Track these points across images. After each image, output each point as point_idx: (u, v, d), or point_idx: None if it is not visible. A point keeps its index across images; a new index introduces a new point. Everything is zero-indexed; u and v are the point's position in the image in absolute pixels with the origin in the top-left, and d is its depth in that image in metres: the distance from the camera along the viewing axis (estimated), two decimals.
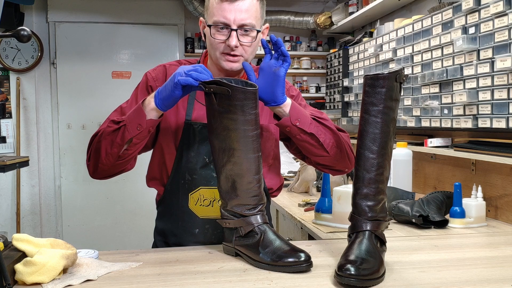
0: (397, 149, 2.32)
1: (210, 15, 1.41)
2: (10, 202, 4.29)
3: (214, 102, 1.24)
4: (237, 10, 1.37)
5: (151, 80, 1.51)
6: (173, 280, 1.15)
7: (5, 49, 4.24)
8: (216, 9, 1.38)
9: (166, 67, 1.54)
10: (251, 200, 1.28)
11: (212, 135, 1.28)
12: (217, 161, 1.29)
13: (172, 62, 1.57)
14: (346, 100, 3.66)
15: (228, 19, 1.37)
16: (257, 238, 1.26)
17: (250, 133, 1.24)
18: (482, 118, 2.00)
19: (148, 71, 1.56)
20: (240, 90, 1.21)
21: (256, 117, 1.24)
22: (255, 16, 1.40)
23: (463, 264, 1.30)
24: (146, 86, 1.52)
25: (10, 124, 4.28)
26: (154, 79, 1.51)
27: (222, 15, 1.37)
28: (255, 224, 1.27)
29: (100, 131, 1.40)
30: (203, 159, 1.47)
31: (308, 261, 1.19)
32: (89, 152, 1.43)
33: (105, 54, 4.39)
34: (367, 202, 1.22)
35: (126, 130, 1.33)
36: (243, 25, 1.38)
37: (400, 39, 2.71)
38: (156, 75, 1.52)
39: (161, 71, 1.53)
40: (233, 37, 1.38)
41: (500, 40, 1.87)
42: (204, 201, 1.47)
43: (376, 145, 1.21)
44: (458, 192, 1.83)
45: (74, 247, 1.21)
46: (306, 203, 2.37)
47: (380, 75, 1.21)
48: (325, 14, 4.14)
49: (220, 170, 1.29)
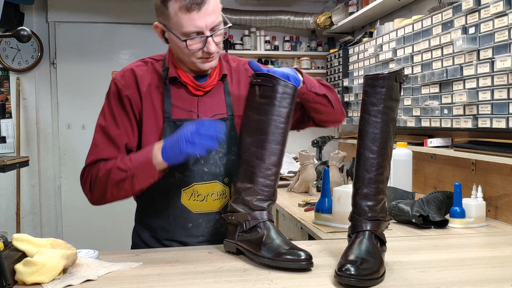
0: (397, 149, 2.32)
1: (176, 25, 1.35)
2: (10, 202, 4.29)
3: (256, 93, 1.34)
4: (206, 15, 1.33)
5: (124, 89, 1.46)
6: (173, 280, 1.15)
7: (5, 49, 4.24)
8: (184, 20, 1.33)
9: (135, 71, 1.49)
10: (265, 190, 1.31)
11: (245, 126, 1.37)
12: (242, 151, 1.35)
13: (138, 63, 1.53)
14: (346, 100, 3.66)
15: (200, 27, 1.34)
16: (260, 234, 1.27)
17: (281, 124, 1.32)
18: (482, 118, 2.00)
19: (115, 77, 1.50)
20: (283, 83, 1.32)
21: (289, 111, 1.33)
22: (220, 10, 1.39)
23: (463, 264, 1.30)
24: (120, 96, 1.46)
25: (10, 124, 4.28)
26: (126, 86, 1.46)
27: (192, 25, 1.33)
28: (260, 220, 1.29)
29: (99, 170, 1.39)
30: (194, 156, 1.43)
31: (309, 260, 1.19)
32: (88, 184, 1.42)
33: (105, 54, 4.39)
34: (367, 202, 1.22)
35: (136, 180, 1.36)
36: (214, 27, 1.36)
37: (400, 39, 2.71)
38: (126, 83, 1.47)
39: (130, 77, 1.48)
40: (211, 43, 1.37)
41: (500, 40, 1.87)
42: (198, 196, 1.46)
43: (376, 145, 1.21)
44: (458, 192, 1.83)
45: (74, 247, 1.21)
46: (306, 203, 2.37)
47: (380, 75, 1.21)
48: (325, 14, 4.14)
49: (243, 158, 1.34)
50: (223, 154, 1.47)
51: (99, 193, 1.41)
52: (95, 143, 1.46)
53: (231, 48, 4.31)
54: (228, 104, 1.51)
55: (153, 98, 1.47)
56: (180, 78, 1.46)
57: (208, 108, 1.48)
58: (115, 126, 1.45)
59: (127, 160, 1.38)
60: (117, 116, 1.45)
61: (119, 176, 1.36)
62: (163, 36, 1.44)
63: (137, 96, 1.46)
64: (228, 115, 1.50)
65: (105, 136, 1.45)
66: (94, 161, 1.43)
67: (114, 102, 1.47)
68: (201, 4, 1.31)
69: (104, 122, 1.47)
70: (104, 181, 1.38)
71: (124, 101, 1.46)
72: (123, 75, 1.49)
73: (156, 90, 1.48)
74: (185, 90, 1.48)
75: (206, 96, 1.49)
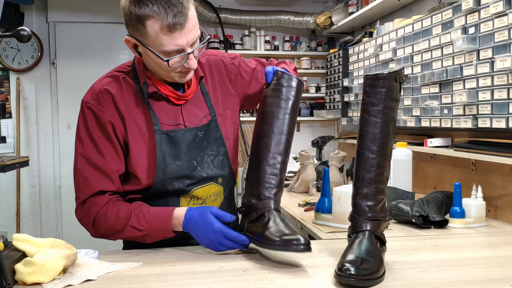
0: (397, 149, 2.32)
1: (155, 43, 1.27)
2: (10, 202, 4.29)
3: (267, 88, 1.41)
4: (187, 32, 1.27)
5: (103, 115, 1.37)
6: (173, 280, 1.15)
7: (5, 49, 4.24)
8: (165, 40, 1.26)
9: (110, 91, 1.38)
10: (271, 178, 1.33)
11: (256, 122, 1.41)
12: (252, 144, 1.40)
13: (107, 80, 1.41)
14: (346, 100, 3.66)
15: (182, 45, 1.28)
16: (264, 221, 1.29)
17: (287, 115, 1.36)
18: (482, 118, 2.00)
19: (88, 101, 1.39)
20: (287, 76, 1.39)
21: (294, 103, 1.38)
22: (197, 22, 1.33)
23: (463, 264, 1.30)
24: (100, 123, 1.37)
25: (10, 124, 4.28)
26: (105, 111, 1.37)
27: (174, 44, 1.27)
28: (266, 209, 1.30)
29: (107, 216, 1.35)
30: (192, 164, 1.43)
31: (307, 244, 1.20)
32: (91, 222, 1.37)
33: (105, 54, 4.39)
34: (367, 202, 1.22)
35: (150, 238, 1.37)
36: (194, 43, 1.32)
37: (400, 39, 2.71)
38: (104, 107, 1.37)
39: (107, 99, 1.38)
40: (192, 59, 1.33)
41: (500, 40, 1.87)
42: (197, 200, 1.46)
43: (376, 145, 1.21)
44: (458, 192, 1.83)
45: (74, 247, 1.21)
46: (306, 203, 2.37)
47: (380, 75, 1.21)
48: (325, 14, 4.14)
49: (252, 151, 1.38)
50: (214, 156, 1.48)
51: (105, 235, 1.39)
52: (83, 176, 1.37)
53: (231, 48, 4.31)
54: (209, 105, 1.50)
55: (135, 117, 1.39)
56: (160, 91, 1.41)
57: (193, 115, 1.46)
58: (100, 156, 1.37)
59: (142, 219, 1.34)
60: (100, 144, 1.37)
61: (133, 234, 1.35)
62: (135, 49, 1.36)
63: (119, 119, 1.38)
64: (212, 116, 1.49)
65: (92, 167, 1.37)
66: (88, 196, 1.37)
67: (94, 129, 1.37)
68: (183, 23, 1.25)
69: (88, 152, 1.38)
70: (115, 230, 1.36)
71: (107, 127, 1.37)
72: (97, 98, 1.38)
73: (136, 107, 1.40)
74: (166, 102, 1.43)
75: (187, 103, 1.46)
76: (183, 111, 1.45)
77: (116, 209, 1.36)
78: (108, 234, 1.39)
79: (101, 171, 1.37)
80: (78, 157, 1.39)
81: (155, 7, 1.23)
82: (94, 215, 1.36)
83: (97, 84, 1.43)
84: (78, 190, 1.39)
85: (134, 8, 1.26)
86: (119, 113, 1.38)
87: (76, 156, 1.40)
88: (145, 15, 1.24)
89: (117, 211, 1.36)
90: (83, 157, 1.38)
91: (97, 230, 1.39)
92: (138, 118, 1.40)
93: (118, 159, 1.39)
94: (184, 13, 1.25)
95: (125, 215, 1.35)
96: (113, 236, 1.39)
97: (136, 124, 1.40)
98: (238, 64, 1.60)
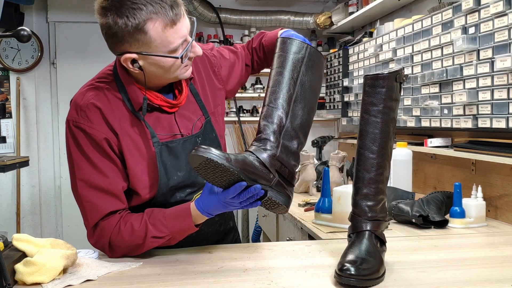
0: (397, 149, 2.32)
1: (162, 45, 1.21)
2: (10, 202, 4.29)
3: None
4: (184, 19, 1.23)
5: (96, 133, 1.28)
6: (173, 280, 1.15)
7: (5, 49, 4.24)
8: (171, 36, 1.20)
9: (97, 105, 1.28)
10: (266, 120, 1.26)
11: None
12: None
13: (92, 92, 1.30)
14: (346, 100, 3.66)
15: (184, 35, 1.24)
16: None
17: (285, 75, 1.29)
18: (482, 118, 2.00)
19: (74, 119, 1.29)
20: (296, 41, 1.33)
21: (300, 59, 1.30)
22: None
23: (463, 264, 1.30)
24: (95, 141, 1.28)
25: (10, 124, 4.28)
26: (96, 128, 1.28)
27: (179, 36, 1.22)
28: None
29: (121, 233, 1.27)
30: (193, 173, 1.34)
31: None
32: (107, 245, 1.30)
33: (105, 54, 4.32)
34: (367, 202, 1.22)
35: (174, 239, 1.30)
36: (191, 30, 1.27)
37: (400, 39, 2.71)
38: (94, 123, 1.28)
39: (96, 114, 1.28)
40: (196, 46, 1.28)
41: (500, 40, 1.87)
42: None
43: (376, 145, 1.21)
44: (458, 192, 1.83)
45: (74, 247, 1.21)
46: (306, 203, 2.37)
47: (380, 75, 1.21)
48: (325, 14, 4.14)
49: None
50: None
51: (125, 253, 1.32)
52: (89, 201, 1.29)
53: None
54: (201, 106, 1.44)
55: (128, 131, 1.31)
56: (152, 102, 1.32)
57: (187, 120, 1.41)
58: (101, 176, 1.29)
59: (161, 226, 1.26)
60: (99, 164, 1.28)
61: (157, 243, 1.28)
62: (133, 66, 1.24)
63: (113, 134, 1.29)
64: (206, 118, 1.44)
65: (96, 190, 1.29)
66: (98, 220, 1.29)
67: (88, 150, 1.28)
68: (181, 11, 1.22)
69: (85, 174, 1.29)
70: (135, 245, 1.28)
71: (103, 145, 1.28)
72: (85, 115, 1.28)
73: (127, 120, 1.31)
74: (158, 111, 1.36)
75: (180, 109, 1.40)
76: (177, 118, 1.39)
77: (130, 224, 1.28)
78: (129, 251, 1.31)
79: (106, 192, 1.29)
80: (77, 182, 1.30)
81: (149, 7, 1.17)
82: (109, 237, 1.29)
83: (80, 99, 1.30)
84: (85, 216, 1.31)
85: (127, 19, 1.17)
86: (111, 128, 1.29)
87: (74, 181, 1.31)
88: (143, 20, 1.17)
89: (131, 225, 1.28)
90: (83, 181, 1.29)
91: (116, 251, 1.31)
92: (131, 132, 1.31)
93: (121, 175, 1.31)
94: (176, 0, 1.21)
95: (141, 228, 1.27)
96: (135, 251, 1.31)
97: (131, 138, 1.31)
98: (218, 56, 1.55)
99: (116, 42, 1.22)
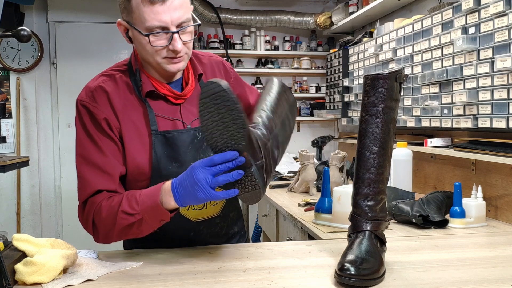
0: (397, 149, 2.32)
1: (139, 19, 1.25)
2: (10, 202, 4.29)
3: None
4: (172, 9, 1.23)
5: (98, 112, 1.32)
6: (173, 280, 1.15)
7: (5, 49, 4.24)
8: (146, 13, 1.23)
9: (105, 88, 1.34)
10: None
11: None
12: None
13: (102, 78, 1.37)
14: (346, 100, 3.66)
15: (165, 21, 1.24)
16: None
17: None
18: (482, 118, 2.00)
19: (82, 99, 1.34)
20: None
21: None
22: (189, 7, 1.30)
23: (463, 264, 1.30)
24: (95, 120, 1.32)
25: (10, 124, 4.28)
26: (99, 108, 1.33)
27: (156, 19, 1.23)
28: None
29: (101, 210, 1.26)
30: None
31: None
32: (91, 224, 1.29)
33: (105, 54, 4.39)
34: (367, 202, 1.22)
35: (146, 224, 1.24)
36: (181, 23, 1.26)
37: (400, 39, 2.71)
38: (98, 104, 1.33)
39: (101, 96, 1.34)
40: (177, 40, 1.26)
41: (500, 40, 1.87)
42: (197, 205, 1.39)
43: (376, 145, 1.21)
44: (458, 192, 1.83)
45: (74, 247, 1.21)
46: (306, 203, 2.37)
47: (380, 75, 1.21)
48: (325, 14, 4.14)
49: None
50: None
51: (104, 234, 1.29)
52: (82, 177, 1.31)
53: (231, 48, 4.31)
54: None
55: (131, 115, 1.35)
56: (158, 90, 1.37)
57: (191, 114, 1.41)
58: (100, 153, 1.31)
59: (134, 203, 1.24)
60: (99, 142, 1.32)
61: (127, 221, 1.24)
62: (126, 35, 1.33)
63: (114, 116, 1.33)
64: None
65: (91, 166, 1.31)
66: (87, 197, 1.30)
67: (90, 127, 1.33)
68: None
69: (87, 150, 1.32)
70: (109, 223, 1.26)
71: (102, 124, 1.32)
72: (92, 96, 1.34)
73: (132, 105, 1.36)
74: (164, 101, 1.39)
75: (186, 102, 1.41)
76: (182, 110, 1.40)
77: (111, 200, 1.27)
78: (107, 232, 1.28)
79: (100, 170, 1.30)
80: (77, 158, 1.34)
81: None
82: (92, 214, 1.28)
83: (92, 82, 1.38)
84: (78, 192, 1.33)
85: None
86: (114, 112, 1.33)
87: (76, 160, 1.34)
88: None
89: (111, 201, 1.27)
90: (82, 157, 1.33)
91: (98, 231, 1.30)
92: (136, 117, 1.35)
93: (120, 157, 1.33)
94: None
95: (115, 203, 1.26)
96: (111, 232, 1.27)
97: (134, 124, 1.34)
98: (235, 72, 1.60)
99: (119, 8, 1.31)
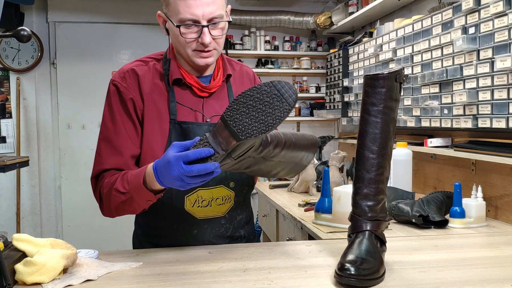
0: (397, 149, 2.32)
1: (173, 12, 1.32)
2: (10, 202, 4.29)
3: None
4: (204, 4, 1.29)
5: (126, 92, 1.40)
6: (173, 280, 1.15)
7: (5, 49, 4.24)
8: (180, 6, 1.30)
9: (136, 71, 1.42)
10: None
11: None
12: None
13: (137, 63, 1.45)
14: (346, 100, 3.66)
15: (197, 15, 1.30)
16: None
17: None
18: (482, 118, 2.00)
19: (114, 79, 1.42)
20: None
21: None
22: (222, 5, 1.35)
23: (463, 264, 1.30)
24: (123, 99, 1.40)
25: (10, 124, 4.28)
26: (128, 88, 1.40)
27: (189, 12, 1.30)
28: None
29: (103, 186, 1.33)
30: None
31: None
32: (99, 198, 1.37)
33: (105, 54, 4.39)
34: (367, 202, 1.22)
35: (136, 203, 1.28)
36: (212, 18, 1.32)
37: (400, 39, 2.71)
38: (128, 84, 1.40)
39: (132, 78, 1.41)
40: (206, 34, 1.32)
41: (500, 40, 1.87)
42: (202, 202, 1.42)
43: (376, 145, 1.21)
44: (458, 192, 1.83)
45: (74, 247, 1.21)
46: (306, 203, 2.37)
47: (380, 75, 1.21)
48: (325, 14, 4.14)
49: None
50: None
51: (106, 209, 1.36)
52: (98, 153, 1.40)
53: (231, 48, 4.31)
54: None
55: (156, 100, 1.41)
56: (185, 79, 1.42)
57: (213, 110, 1.45)
58: (118, 133, 1.38)
59: (125, 182, 1.28)
60: (121, 122, 1.39)
61: (119, 199, 1.29)
62: (164, 27, 1.41)
63: (139, 98, 1.40)
64: None
65: (108, 145, 1.38)
66: (99, 172, 1.38)
67: (116, 107, 1.40)
68: None
69: (107, 129, 1.40)
70: (107, 199, 1.33)
71: (128, 104, 1.39)
72: (124, 76, 1.41)
73: (159, 91, 1.42)
74: (189, 92, 1.44)
75: (211, 98, 1.45)
76: (204, 103, 1.44)
77: (110, 178, 1.33)
78: (107, 208, 1.35)
79: (115, 150, 1.37)
80: (100, 135, 1.41)
81: None
82: (99, 189, 1.35)
83: (127, 66, 1.46)
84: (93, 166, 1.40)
85: None
86: (141, 93, 1.40)
87: (99, 134, 1.42)
88: None
89: (111, 179, 1.32)
90: (104, 135, 1.40)
91: (102, 206, 1.36)
92: (160, 103, 1.41)
93: (137, 137, 1.39)
94: None
95: (114, 181, 1.31)
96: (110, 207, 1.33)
97: (157, 108, 1.40)
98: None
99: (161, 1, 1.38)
